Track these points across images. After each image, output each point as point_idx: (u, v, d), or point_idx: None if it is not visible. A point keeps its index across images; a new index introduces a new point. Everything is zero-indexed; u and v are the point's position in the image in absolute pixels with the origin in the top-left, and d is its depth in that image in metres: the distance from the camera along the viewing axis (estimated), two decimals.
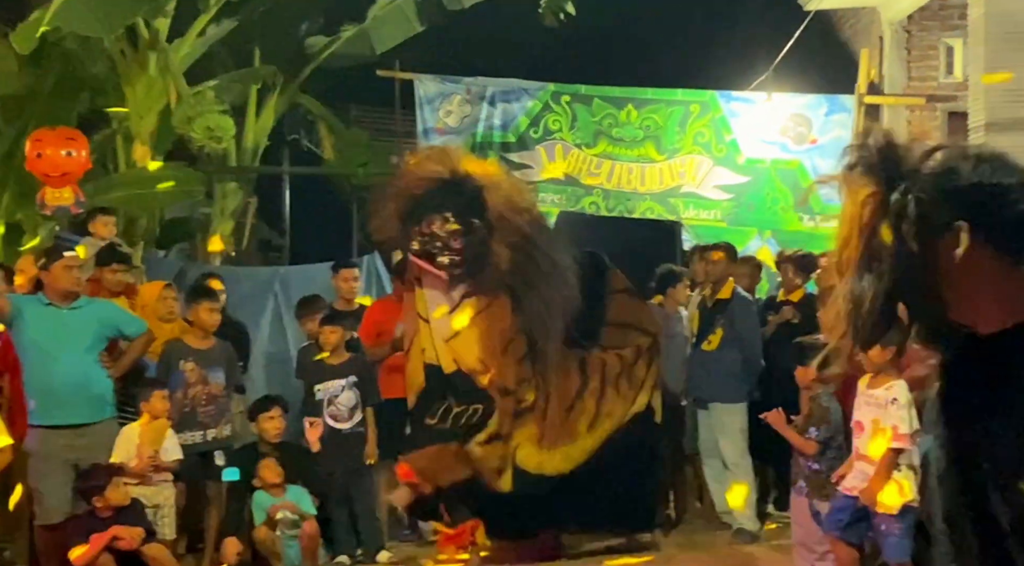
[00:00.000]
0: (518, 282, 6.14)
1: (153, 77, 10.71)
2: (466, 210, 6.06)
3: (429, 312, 6.22)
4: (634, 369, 6.44)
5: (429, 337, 6.24)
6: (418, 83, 10.27)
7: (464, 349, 6.17)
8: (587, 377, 6.29)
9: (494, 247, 6.07)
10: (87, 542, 5.77)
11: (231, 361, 6.86)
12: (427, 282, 6.24)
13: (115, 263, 7.00)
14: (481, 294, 6.16)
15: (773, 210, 10.12)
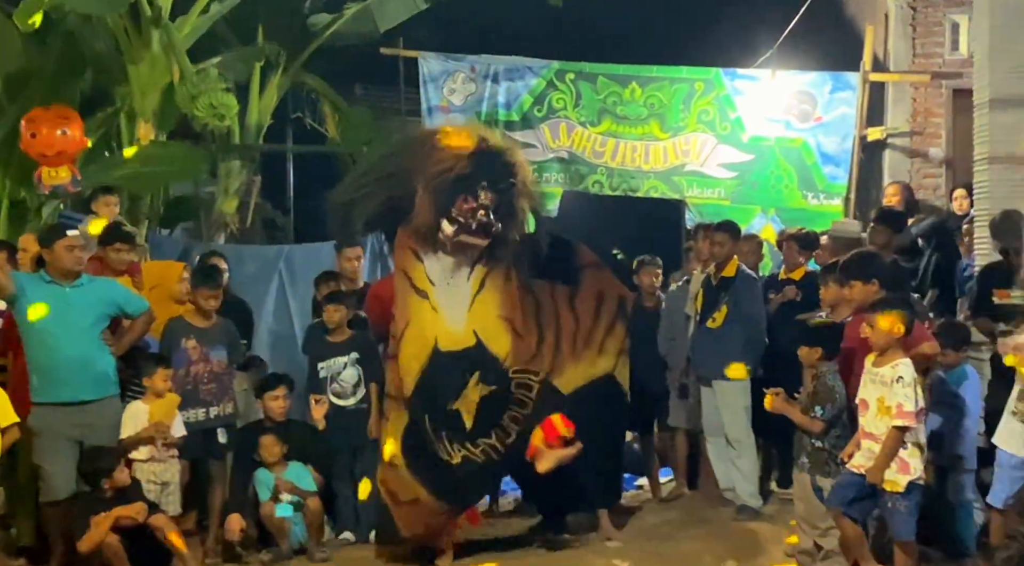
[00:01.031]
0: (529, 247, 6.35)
1: (156, 55, 10.65)
2: (500, 177, 6.17)
3: (446, 284, 6.20)
4: (593, 331, 6.52)
5: (436, 321, 6.19)
6: (422, 61, 10.24)
7: (484, 311, 6.21)
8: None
9: (519, 203, 6.25)
10: (85, 521, 5.79)
11: (233, 339, 6.85)
12: (433, 253, 6.21)
13: (118, 242, 6.98)
14: (498, 256, 6.25)
15: (777, 188, 10.09)
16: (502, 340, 6.23)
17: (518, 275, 6.35)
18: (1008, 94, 7.29)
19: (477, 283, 6.25)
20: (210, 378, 6.59)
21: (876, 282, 5.59)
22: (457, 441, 6.11)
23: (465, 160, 6.13)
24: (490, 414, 6.15)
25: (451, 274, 6.24)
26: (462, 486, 6.16)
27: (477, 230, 6.07)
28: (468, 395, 6.16)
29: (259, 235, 12.42)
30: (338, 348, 6.94)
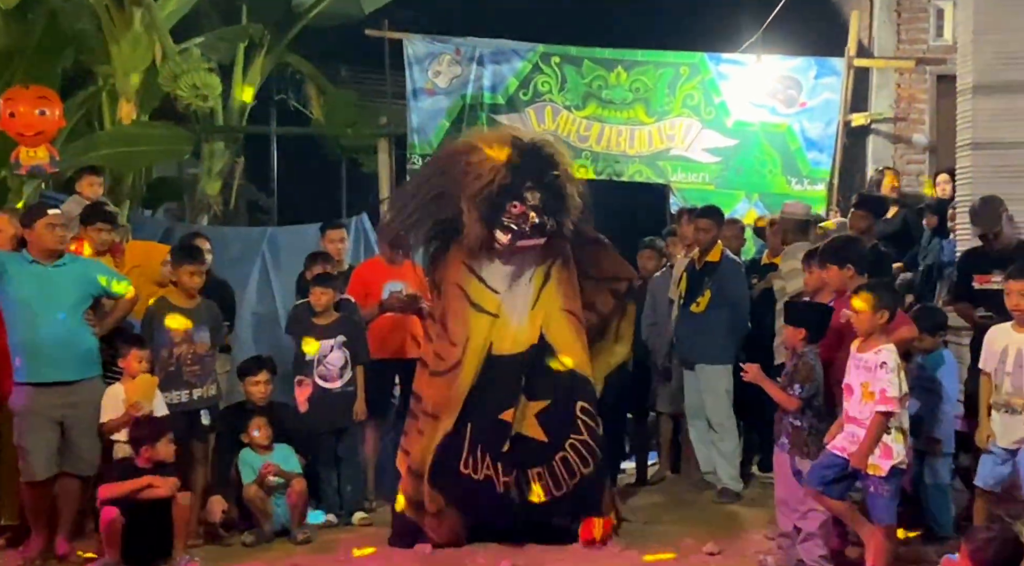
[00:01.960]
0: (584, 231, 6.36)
1: (138, 34, 10.59)
2: (543, 172, 6.16)
3: (508, 289, 6.18)
4: (610, 318, 6.52)
5: (494, 326, 6.15)
6: (407, 43, 10.20)
7: (549, 304, 6.19)
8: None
9: (568, 189, 6.22)
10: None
11: (216, 320, 6.83)
12: (490, 264, 6.20)
13: (100, 222, 6.94)
14: (557, 248, 6.25)
15: (761, 173, 10.11)
16: (565, 333, 6.17)
17: (576, 265, 6.34)
18: (992, 80, 7.31)
19: (541, 278, 6.23)
20: (193, 360, 6.56)
21: (851, 267, 5.65)
22: (491, 456, 6.01)
23: (503, 168, 6.11)
24: (548, 442, 6.06)
25: (514, 278, 6.22)
26: (484, 507, 6.06)
27: (532, 232, 6.07)
28: (524, 407, 6.08)
29: (242, 217, 12.40)
30: (325, 330, 6.92)
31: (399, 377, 7.38)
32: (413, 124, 10.12)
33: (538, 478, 6.00)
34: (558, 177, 6.19)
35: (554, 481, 6.00)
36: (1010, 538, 4.05)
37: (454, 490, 6.02)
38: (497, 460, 5.99)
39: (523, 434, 6.05)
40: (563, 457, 6.02)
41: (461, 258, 6.25)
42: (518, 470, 6.00)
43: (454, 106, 10.15)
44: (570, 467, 6.01)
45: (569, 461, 6.02)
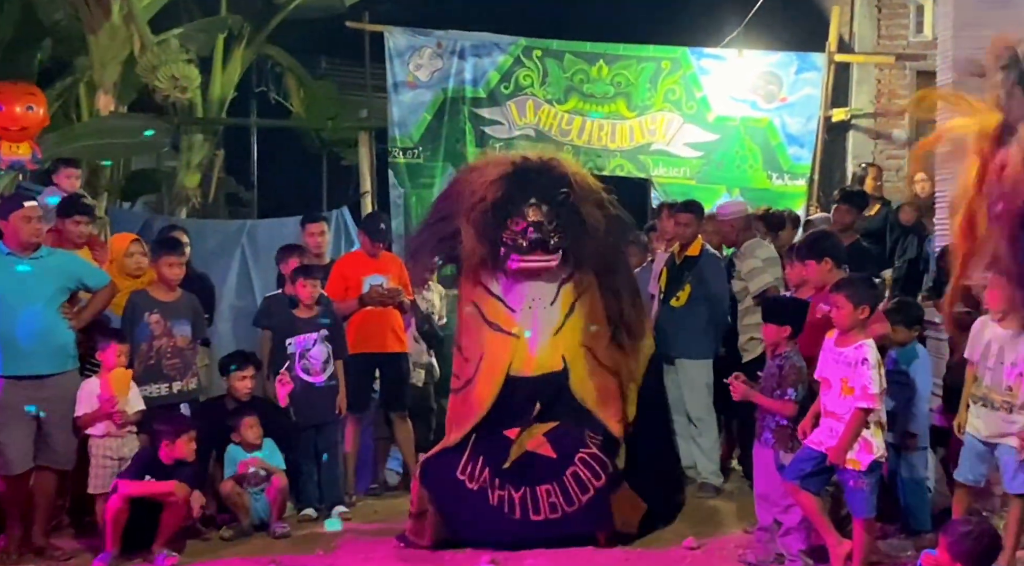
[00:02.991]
0: (607, 261, 6.26)
1: (116, 25, 10.53)
2: (547, 190, 6.12)
3: (531, 311, 6.14)
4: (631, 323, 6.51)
5: (514, 346, 6.13)
6: (388, 35, 10.17)
7: (571, 337, 6.15)
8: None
9: (584, 208, 6.15)
10: (139, 478, 5.83)
11: (197, 314, 6.80)
12: (511, 285, 6.16)
13: (77, 214, 6.91)
14: (578, 272, 6.20)
15: (742, 168, 10.14)
16: (581, 369, 6.15)
17: (604, 297, 6.27)
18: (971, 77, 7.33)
19: (567, 306, 6.19)
20: (173, 353, 6.54)
21: (829, 260, 5.68)
22: (490, 469, 5.99)
23: (499, 183, 6.11)
24: (557, 459, 6.01)
25: (534, 299, 6.18)
26: (476, 517, 5.99)
27: (531, 248, 6.03)
28: (530, 428, 6.06)
29: (222, 210, 12.36)
30: (308, 324, 6.88)
31: (379, 371, 7.37)
32: (394, 117, 10.10)
33: (547, 495, 5.94)
34: (567, 195, 6.13)
35: (565, 498, 5.95)
36: (988, 532, 4.08)
37: (443, 493, 6.00)
38: (496, 475, 5.97)
39: (532, 452, 6.01)
40: (574, 472, 5.97)
41: (476, 277, 6.24)
42: (527, 487, 5.94)
43: (435, 99, 10.12)
44: (581, 482, 5.95)
45: (580, 476, 5.97)
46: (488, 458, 6.00)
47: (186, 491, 5.98)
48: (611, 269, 6.32)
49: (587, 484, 5.93)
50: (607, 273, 6.29)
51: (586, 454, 5.99)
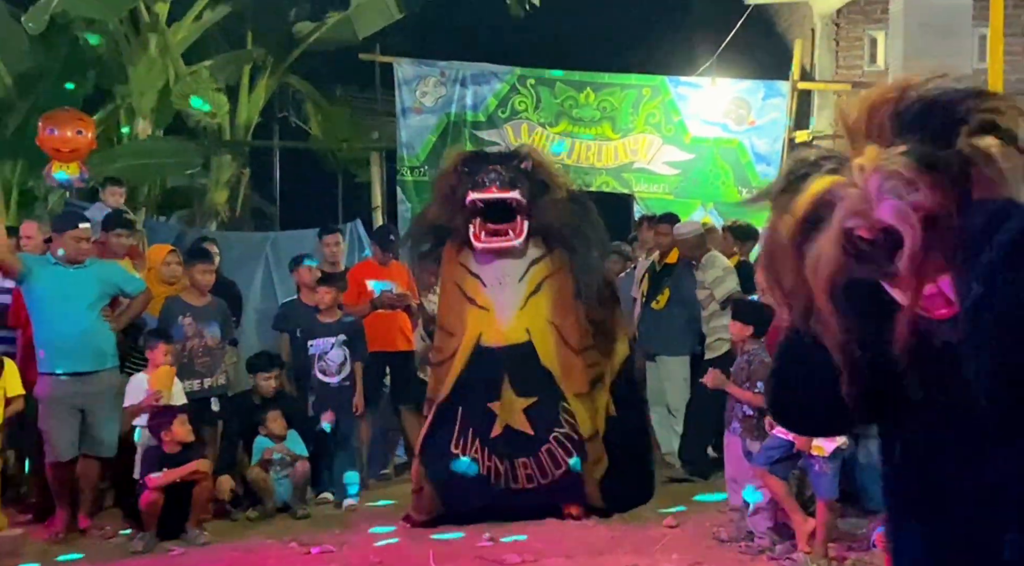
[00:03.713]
0: (574, 234, 6.01)
1: (153, 58, 10.55)
2: (508, 157, 6.00)
3: (500, 285, 5.97)
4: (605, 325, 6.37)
5: (484, 318, 5.98)
6: (397, 66, 10.17)
7: (535, 312, 5.97)
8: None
9: (543, 175, 6.00)
10: (157, 469, 5.80)
11: (226, 317, 6.80)
12: (485, 263, 6.00)
13: (119, 228, 6.94)
14: (548, 256, 6.01)
15: (715, 184, 10.14)
16: (548, 344, 5.97)
17: (577, 289, 6.03)
18: None
19: (533, 284, 6.01)
20: (204, 352, 6.54)
21: None
22: (479, 440, 5.90)
23: (463, 158, 6.11)
24: (534, 435, 5.91)
25: (504, 276, 6.01)
26: (464, 488, 5.93)
27: (491, 182, 5.79)
28: (510, 400, 5.92)
29: (248, 223, 12.35)
30: (328, 328, 6.82)
31: (388, 368, 7.36)
32: (402, 139, 10.10)
33: (523, 467, 5.91)
34: (523, 162, 6.00)
35: (540, 471, 5.92)
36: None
37: (440, 467, 5.94)
38: (485, 445, 5.92)
39: (512, 427, 5.94)
40: (548, 449, 5.93)
41: (456, 258, 6.13)
42: (507, 460, 5.90)
43: (439, 123, 10.12)
44: (555, 458, 5.92)
45: (554, 453, 5.93)
46: (476, 431, 5.91)
47: (208, 466, 5.96)
48: (577, 245, 6.04)
49: (560, 461, 5.90)
50: (574, 251, 6.03)
51: (560, 434, 5.93)
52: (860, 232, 1.34)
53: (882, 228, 1.33)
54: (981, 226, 1.33)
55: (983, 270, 1.30)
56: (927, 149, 1.36)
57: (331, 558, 5.45)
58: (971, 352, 1.31)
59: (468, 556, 5.41)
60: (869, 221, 1.34)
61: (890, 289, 1.41)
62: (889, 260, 1.33)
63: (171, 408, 6.03)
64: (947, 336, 1.36)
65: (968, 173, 1.37)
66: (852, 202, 1.35)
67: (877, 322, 1.40)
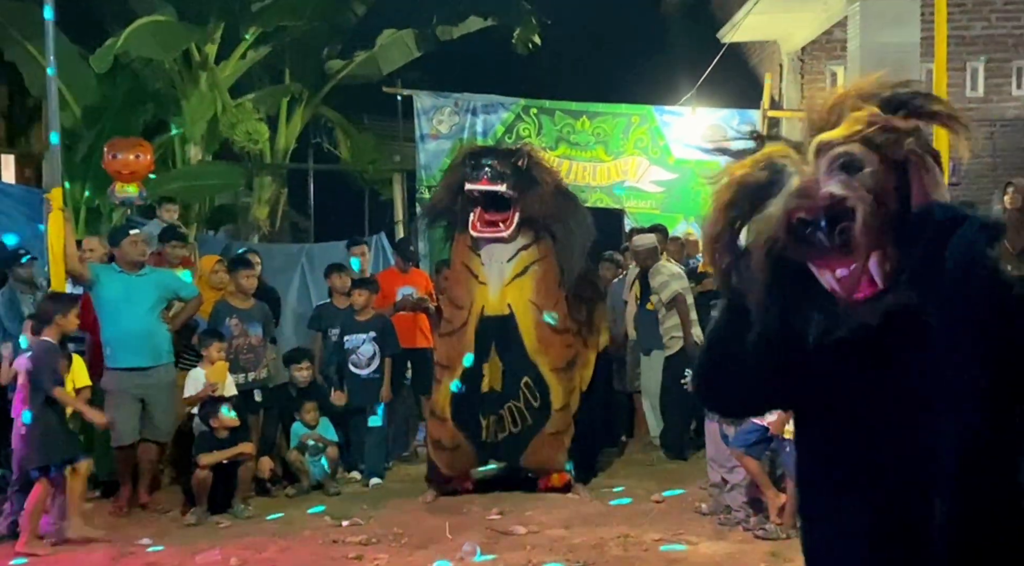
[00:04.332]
0: (559, 226, 5.98)
1: (203, 92, 10.59)
2: (506, 161, 5.96)
3: (491, 263, 5.96)
4: (589, 318, 6.37)
5: (483, 291, 5.99)
6: (416, 97, 10.19)
7: (518, 291, 5.96)
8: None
9: (537, 172, 5.96)
10: (209, 451, 5.86)
11: (267, 318, 6.83)
12: (487, 242, 5.98)
13: (174, 240, 6.99)
14: (535, 244, 5.98)
15: (696, 200, 10.08)
16: (528, 321, 5.97)
17: (560, 275, 6.01)
18: None
19: (520, 267, 5.98)
20: (248, 349, 6.57)
21: None
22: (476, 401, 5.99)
23: (468, 152, 6.12)
24: (499, 396, 5.96)
25: (498, 256, 5.99)
26: (487, 441, 6.01)
27: (485, 175, 5.78)
28: (494, 364, 5.96)
29: (286, 235, 12.37)
30: (361, 325, 6.82)
31: (410, 362, 7.38)
32: (421, 162, 10.11)
33: (495, 423, 5.97)
34: (519, 158, 5.98)
35: (500, 427, 5.97)
36: None
37: (474, 428, 5.97)
38: (478, 402, 5.99)
39: (494, 387, 5.99)
40: (503, 413, 5.97)
41: (463, 240, 6.13)
42: (491, 415, 5.96)
43: (453, 147, 10.08)
44: (503, 424, 5.96)
45: (505, 419, 5.97)
46: (470, 390, 5.97)
47: (252, 448, 5.99)
48: (560, 235, 6.00)
49: (506, 427, 5.95)
50: (558, 241, 6.00)
51: (513, 405, 5.95)
52: (800, 214, 1.34)
53: (825, 207, 1.31)
54: (925, 220, 1.30)
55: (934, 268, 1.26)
56: (878, 135, 1.35)
57: (359, 530, 5.46)
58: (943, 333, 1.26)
59: (479, 527, 5.43)
60: (814, 200, 1.31)
61: (818, 271, 1.36)
62: (828, 238, 1.30)
63: (216, 399, 6.07)
64: (867, 315, 1.32)
65: (906, 169, 1.35)
66: (801, 183, 1.35)
67: (797, 303, 1.36)
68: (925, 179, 1.36)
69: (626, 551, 4.98)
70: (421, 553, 4.99)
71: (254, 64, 11.28)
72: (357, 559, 4.91)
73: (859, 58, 7.43)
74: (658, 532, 5.24)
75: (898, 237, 1.32)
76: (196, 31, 10.10)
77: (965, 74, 9.99)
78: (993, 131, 9.94)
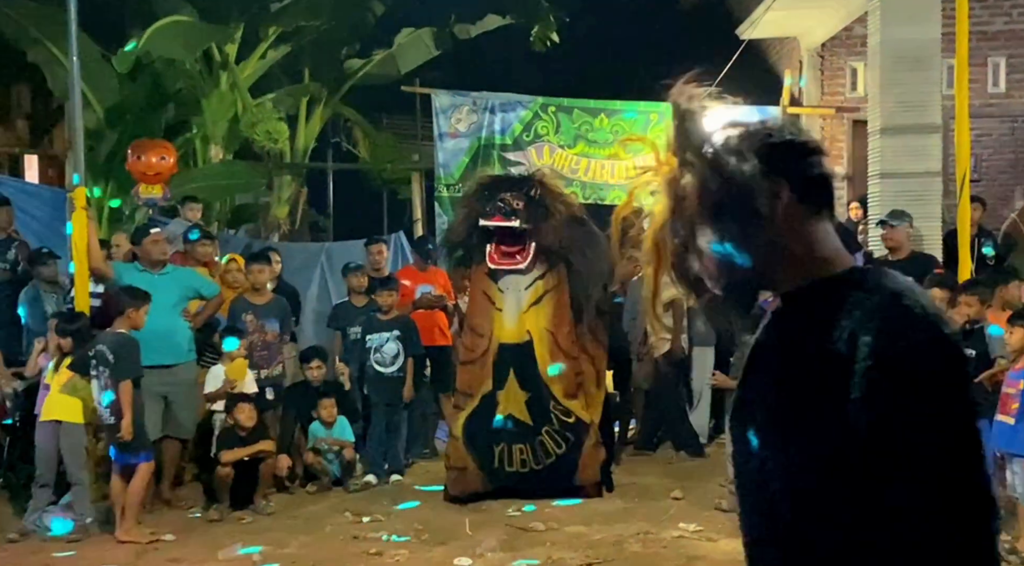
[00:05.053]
0: (573, 251, 5.98)
1: (224, 92, 10.65)
2: (514, 187, 6.01)
3: (508, 291, 5.99)
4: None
5: (500, 319, 6.01)
6: (434, 96, 10.21)
7: (535, 319, 5.98)
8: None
9: (550, 202, 5.97)
10: (230, 448, 5.93)
11: (285, 313, 6.83)
12: (504, 272, 6.02)
13: (205, 239, 7.06)
14: (549, 273, 6.01)
15: None
16: (544, 348, 5.94)
17: (573, 303, 6.02)
18: (894, 124, 7.34)
19: (535, 296, 6.02)
20: (263, 346, 6.59)
21: None
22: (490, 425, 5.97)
23: (485, 180, 6.13)
24: (531, 425, 5.92)
25: (515, 284, 6.03)
26: (500, 468, 5.99)
27: (501, 212, 5.82)
28: (513, 392, 5.94)
29: (305, 234, 12.43)
30: (384, 325, 6.81)
31: (429, 360, 7.40)
32: (439, 161, 10.13)
33: (520, 452, 5.94)
34: (535, 189, 6.00)
35: (534, 458, 5.94)
36: None
37: (485, 449, 5.96)
38: (491, 430, 5.95)
39: (515, 416, 5.95)
40: (540, 440, 5.94)
41: (481, 270, 6.17)
42: (504, 444, 5.93)
43: (472, 146, 10.15)
44: (546, 449, 5.93)
45: (545, 444, 5.94)
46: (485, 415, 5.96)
47: (272, 446, 6.04)
48: (575, 264, 5.98)
49: (551, 452, 5.92)
50: (572, 270, 6.01)
51: (548, 429, 5.92)
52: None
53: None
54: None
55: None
56: (723, 157, 1.38)
57: (379, 526, 5.49)
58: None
59: (499, 523, 5.44)
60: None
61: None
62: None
63: (235, 397, 6.12)
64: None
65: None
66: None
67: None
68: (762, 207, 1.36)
69: (645, 548, 4.98)
70: (441, 549, 5.01)
71: (274, 64, 11.33)
72: (377, 555, 4.94)
73: (880, 54, 7.38)
74: (677, 529, 5.24)
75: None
76: (217, 31, 10.17)
77: (987, 70, 9.90)
78: (1015, 126, 9.85)
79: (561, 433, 5.93)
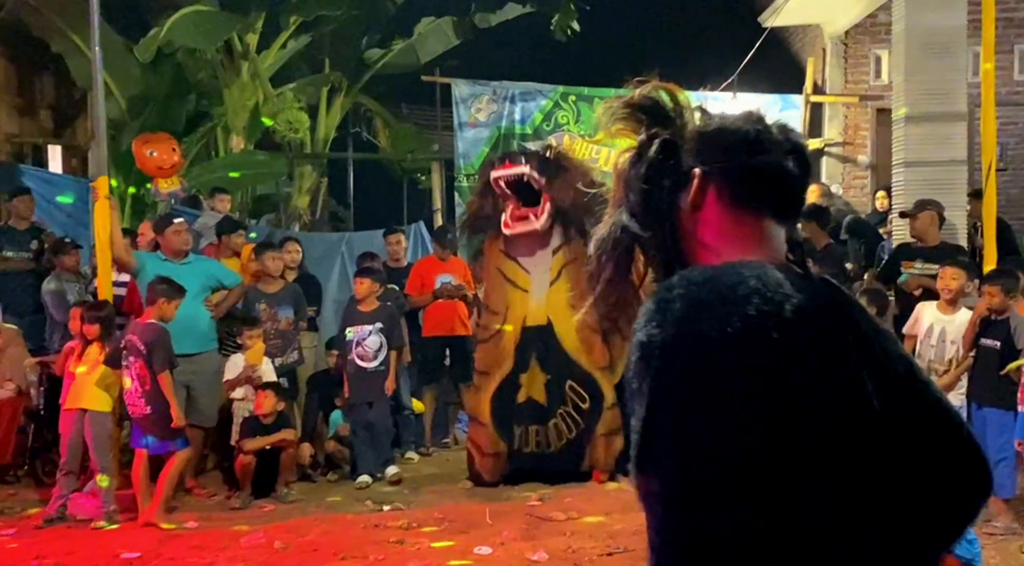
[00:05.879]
0: (590, 219, 5.93)
1: (245, 82, 10.69)
2: (529, 153, 6.02)
3: (535, 272, 5.95)
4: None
5: (525, 300, 5.98)
6: (454, 86, 10.21)
7: (556, 296, 5.94)
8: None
9: (566, 162, 5.94)
10: (252, 436, 5.99)
11: (300, 300, 6.82)
12: (522, 250, 5.99)
13: (239, 230, 7.12)
14: (566, 245, 5.94)
15: None
16: (569, 325, 5.83)
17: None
18: (919, 112, 7.25)
19: (555, 272, 5.98)
20: (276, 334, 6.60)
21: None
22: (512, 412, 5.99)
23: (496, 165, 6.08)
24: (547, 407, 5.95)
25: (539, 262, 6.01)
26: (519, 450, 6.00)
27: (513, 160, 5.80)
28: (534, 374, 5.96)
29: (326, 224, 12.48)
30: (365, 317, 6.57)
31: (448, 350, 7.42)
32: (459, 150, 10.14)
33: (535, 434, 5.97)
34: (548, 152, 6.00)
35: (547, 440, 5.97)
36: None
37: (509, 435, 5.99)
38: (515, 414, 5.99)
39: (533, 398, 5.98)
40: (555, 423, 5.96)
41: (499, 247, 6.15)
42: (522, 426, 5.96)
43: (492, 135, 10.14)
44: (559, 432, 5.96)
45: (559, 426, 5.96)
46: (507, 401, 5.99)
47: (294, 435, 6.08)
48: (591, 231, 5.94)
49: (562, 434, 5.94)
50: (589, 238, 5.93)
51: (563, 411, 5.95)
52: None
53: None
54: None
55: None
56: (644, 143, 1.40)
57: (400, 515, 5.52)
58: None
59: (519, 513, 5.45)
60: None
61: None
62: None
63: (267, 384, 6.16)
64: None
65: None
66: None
67: None
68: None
69: None
70: (462, 538, 5.03)
71: (294, 54, 11.36)
72: (398, 543, 4.97)
73: (904, 41, 7.29)
74: None
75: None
76: (238, 21, 10.20)
77: (1013, 57, 9.77)
78: None
79: (573, 417, 5.95)
